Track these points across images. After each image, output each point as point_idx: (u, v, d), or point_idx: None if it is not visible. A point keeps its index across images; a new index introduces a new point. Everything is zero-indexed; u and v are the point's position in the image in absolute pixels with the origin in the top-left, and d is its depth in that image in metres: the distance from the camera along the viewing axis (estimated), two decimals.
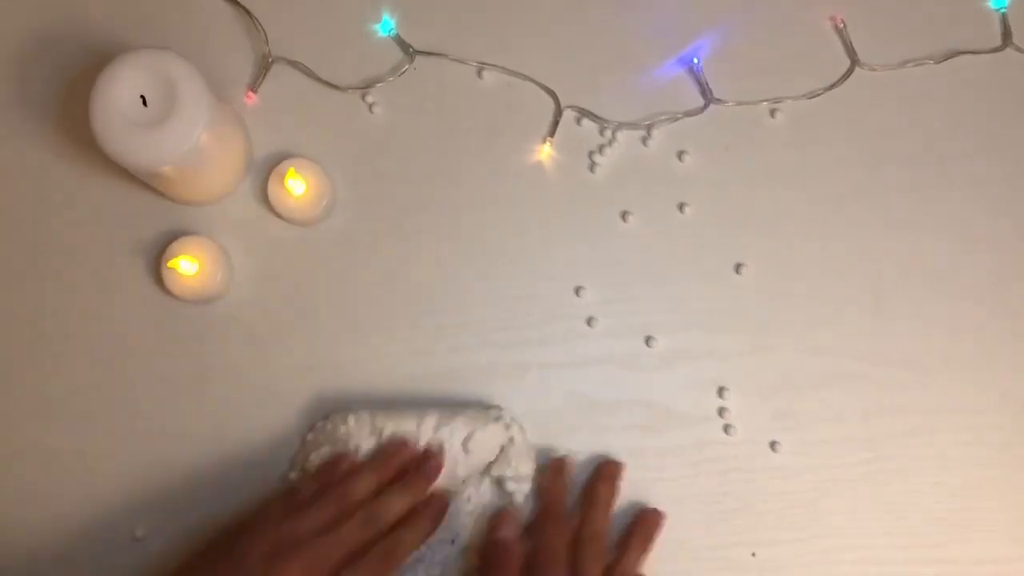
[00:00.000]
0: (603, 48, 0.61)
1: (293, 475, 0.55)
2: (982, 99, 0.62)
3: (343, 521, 0.51)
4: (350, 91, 0.60)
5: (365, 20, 0.61)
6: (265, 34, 0.60)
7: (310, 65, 0.60)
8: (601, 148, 0.60)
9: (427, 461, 0.54)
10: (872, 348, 0.59)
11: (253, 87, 0.60)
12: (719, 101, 0.61)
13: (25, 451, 0.56)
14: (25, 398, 0.57)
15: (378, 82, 0.60)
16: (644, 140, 0.60)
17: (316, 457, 0.54)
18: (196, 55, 0.53)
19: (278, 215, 0.58)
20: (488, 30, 0.61)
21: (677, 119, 0.60)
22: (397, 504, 0.52)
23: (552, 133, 0.60)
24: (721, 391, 0.58)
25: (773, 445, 0.58)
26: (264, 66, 0.60)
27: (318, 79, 0.60)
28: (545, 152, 0.60)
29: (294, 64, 0.60)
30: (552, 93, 0.60)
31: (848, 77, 0.61)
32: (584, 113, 0.60)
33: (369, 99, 0.60)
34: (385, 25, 0.60)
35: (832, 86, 0.61)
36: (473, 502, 0.55)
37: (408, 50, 0.61)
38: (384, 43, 0.61)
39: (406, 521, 0.52)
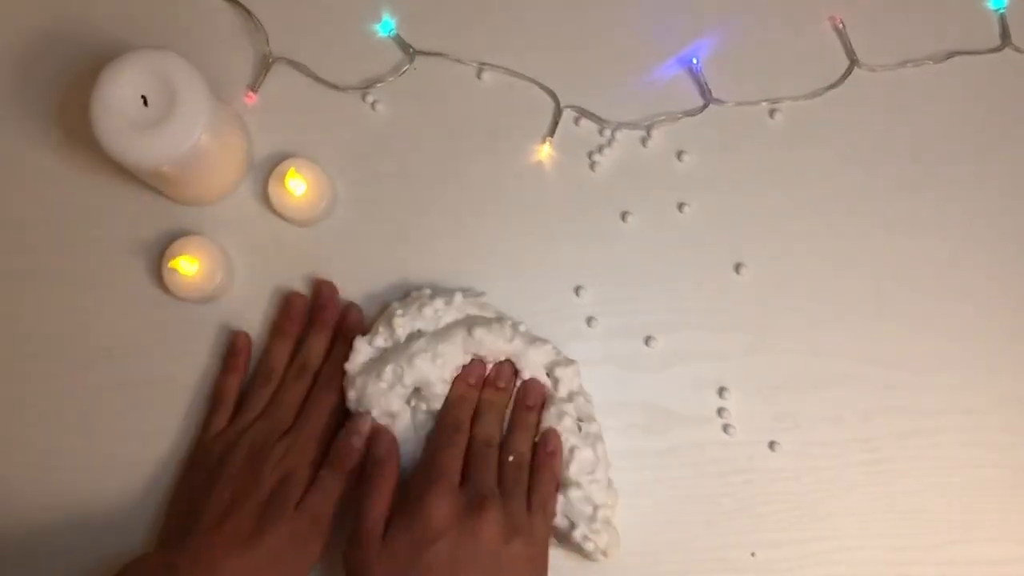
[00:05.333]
0: (603, 48, 0.61)
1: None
2: (981, 99, 0.62)
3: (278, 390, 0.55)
4: (350, 91, 0.60)
5: (365, 20, 0.61)
6: (266, 34, 0.60)
7: (310, 65, 0.60)
8: (601, 148, 0.60)
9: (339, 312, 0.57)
10: (872, 348, 0.59)
11: (253, 87, 0.60)
12: (718, 101, 0.61)
13: (25, 451, 0.56)
14: (24, 398, 0.57)
15: (378, 82, 0.60)
16: (643, 140, 0.60)
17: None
18: (196, 55, 0.53)
19: (278, 215, 0.58)
20: (488, 30, 0.61)
21: (677, 119, 0.61)
22: (317, 343, 0.56)
23: (552, 133, 0.60)
24: (721, 391, 0.58)
25: (773, 445, 0.58)
26: (264, 66, 0.60)
27: (318, 79, 0.60)
28: (545, 152, 0.60)
29: (294, 64, 0.60)
30: (552, 93, 0.61)
31: (847, 77, 0.61)
32: (584, 113, 0.60)
33: (370, 99, 0.60)
34: (385, 25, 0.61)
35: (831, 86, 0.61)
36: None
37: (408, 50, 0.61)
38: (384, 43, 0.61)
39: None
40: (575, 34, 0.61)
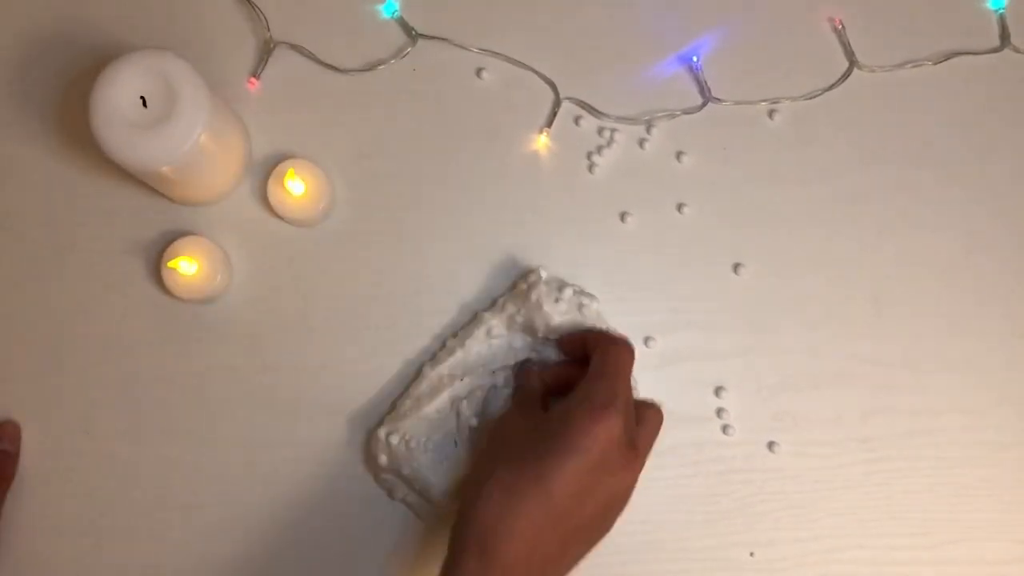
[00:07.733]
0: (604, 43, 0.61)
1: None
2: (980, 100, 0.62)
3: None
4: (352, 74, 0.60)
5: (368, 2, 0.60)
6: (266, 21, 0.60)
7: (312, 49, 0.60)
8: (600, 149, 0.60)
9: None
10: (871, 348, 0.59)
11: (255, 73, 0.60)
12: (717, 100, 0.61)
13: (25, 452, 0.56)
14: (24, 398, 0.57)
15: (380, 64, 0.60)
16: (642, 142, 0.60)
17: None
18: (196, 53, 0.53)
19: (278, 215, 0.58)
20: (491, 18, 0.61)
21: (675, 116, 0.60)
22: None
23: (549, 124, 0.60)
24: (719, 391, 0.58)
25: (771, 445, 0.58)
26: (266, 51, 0.60)
27: (320, 62, 0.60)
28: (542, 142, 0.60)
29: (296, 48, 0.60)
30: (551, 84, 0.60)
31: (847, 78, 0.61)
32: (582, 106, 0.60)
33: (371, 86, 0.60)
34: (389, 6, 0.60)
35: (831, 87, 0.61)
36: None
37: (411, 33, 0.60)
38: (386, 27, 0.60)
39: None
40: (578, 27, 0.61)
